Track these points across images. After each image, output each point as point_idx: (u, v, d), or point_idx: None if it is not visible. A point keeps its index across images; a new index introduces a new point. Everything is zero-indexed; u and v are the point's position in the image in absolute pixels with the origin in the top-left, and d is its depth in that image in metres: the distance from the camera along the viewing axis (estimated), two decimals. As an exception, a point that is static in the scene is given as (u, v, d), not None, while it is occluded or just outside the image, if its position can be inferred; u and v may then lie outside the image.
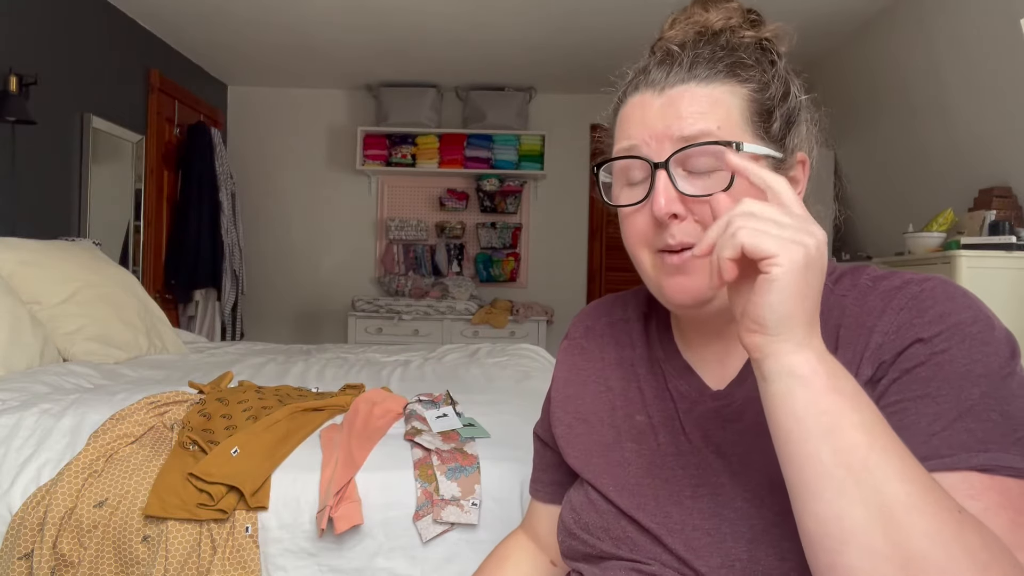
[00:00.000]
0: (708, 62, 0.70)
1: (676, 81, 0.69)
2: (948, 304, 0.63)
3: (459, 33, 3.95)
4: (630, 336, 0.83)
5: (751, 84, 0.70)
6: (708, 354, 0.76)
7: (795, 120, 0.72)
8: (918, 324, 0.62)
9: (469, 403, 1.69)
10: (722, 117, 0.68)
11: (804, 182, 0.74)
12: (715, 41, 0.71)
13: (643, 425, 0.76)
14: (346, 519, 1.28)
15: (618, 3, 3.47)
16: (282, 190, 5.15)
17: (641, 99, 0.71)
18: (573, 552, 0.79)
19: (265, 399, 1.61)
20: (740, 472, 0.68)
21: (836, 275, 0.74)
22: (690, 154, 0.67)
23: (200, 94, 4.64)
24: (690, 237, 0.67)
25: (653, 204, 0.67)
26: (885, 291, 0.67)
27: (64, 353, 2.20)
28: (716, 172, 0.67)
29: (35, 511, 1.31)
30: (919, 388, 0.60)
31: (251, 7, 3.65)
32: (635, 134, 0.70)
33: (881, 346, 0.64)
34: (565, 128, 5.04)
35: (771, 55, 0.73)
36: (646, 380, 0.79)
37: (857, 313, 0.68)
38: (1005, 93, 2.68)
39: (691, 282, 0.68)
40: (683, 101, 0.68)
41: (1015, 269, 2.33)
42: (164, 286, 4.17)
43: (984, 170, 2.78)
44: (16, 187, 2.93)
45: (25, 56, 2.95)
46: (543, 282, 5.13)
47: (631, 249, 0.73)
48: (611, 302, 0.89)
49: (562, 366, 0.88)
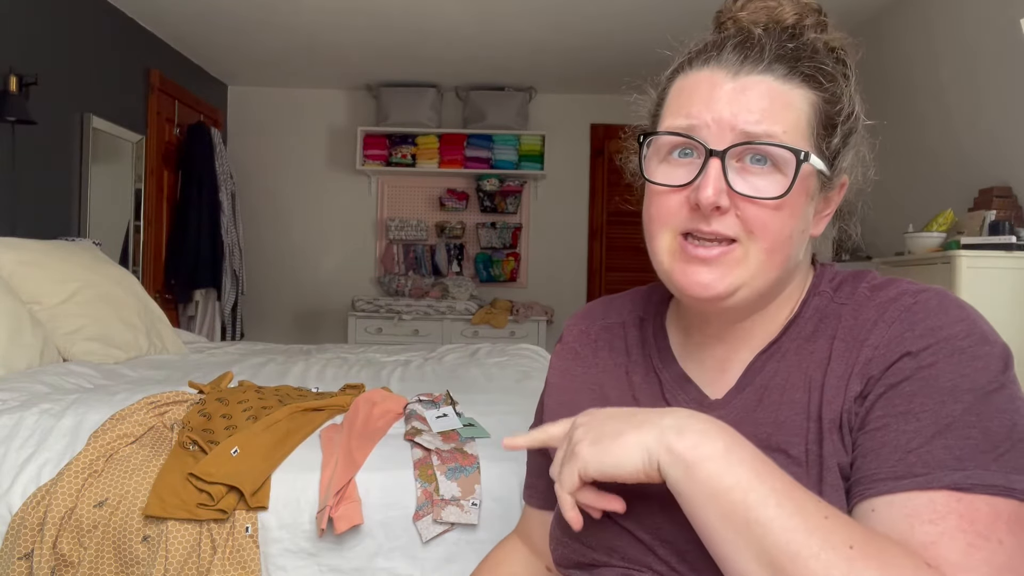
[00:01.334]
0: (791, 60, 0.66)
1: (753, 70, 0.66)
2: (940, 317, 0.62)
3: (459, 33, 3.95)
4: (625, 341, 0.81)
5: (825, 94, 0.67)
6: (707, 359, 0.74)
7: (851, 142, 0.70)
8: (908, 337, 0.62)
9: (469, 403, 1.69)
10: (790, 122, 0.65)
11: (836, 205, 0.72)
12: (798, 39, 0.68)
13: None
14: (346, 519, 1.28)
15: (618, 3, 3.47)
16: (282, 190, 5.15)
17: (711, 76, 0.67)
18: (565, 559, 0.77)
19: (265, 399, 1.61)
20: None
21: (837, 281, 0.73)
22: (750, 150, 0.65)
23: (200, 94, 4.64)
24: (728, 230, 0.65)
25: (700, 191, 0.64)
26: (881, 303, 0.66)
27: (64, 353, 2.20)
28: (771, 174, 0.65)
29: (35, 511, 1.31)
30: (902, 404, 0.60)
31: (251, 7, 3.65)
32: (697, 113, 0.66)
33: (870, 360, 0.63)
34: (565, 128, 5.04)
35: (846, 68, 0.70)
36: (641, 389, 0.77)
37: (851, 325, 0.67)
38: (1005, 93, 2.68)
39: (714, 277, 0.66)
40: (756, 93, 0.65)
41: (1015, 269, 2.33)
42: (164, 286, 4.17)
43: (984, 170, 2.78)
44: (16, 187, 2.93)
45: (25, 56, 2.95)
46: (543, 282, 5.13)
47: (650, 228, 0.70)
48: (605, 305, 0.87)
49: (555, 371, 0.86)
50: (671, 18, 3.52)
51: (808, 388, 0.66)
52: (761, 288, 0.67)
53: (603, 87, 4.87)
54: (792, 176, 0.64)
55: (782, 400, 0.67)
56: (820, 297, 0.71)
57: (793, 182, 0.64)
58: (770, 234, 0.65)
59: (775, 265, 0.66)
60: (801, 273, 0.73)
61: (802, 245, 0.69)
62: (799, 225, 0.67)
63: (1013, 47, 2.59)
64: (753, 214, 0.65)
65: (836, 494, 0.62)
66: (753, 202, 0.65)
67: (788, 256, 0.67)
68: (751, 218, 0.65)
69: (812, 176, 0.67)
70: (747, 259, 0.66)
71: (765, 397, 0.69)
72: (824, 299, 0.71)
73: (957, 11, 2.97)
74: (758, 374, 0.70)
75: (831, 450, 0.63)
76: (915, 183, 3.24)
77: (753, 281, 0.66)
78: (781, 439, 0.65)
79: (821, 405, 0.65)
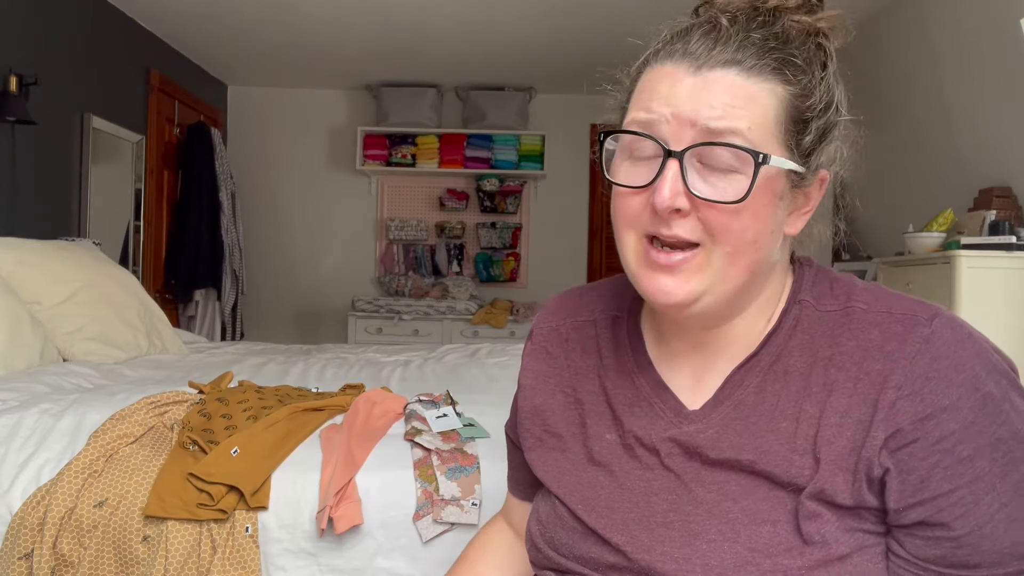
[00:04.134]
0: (757, 51, 0.63)
1: (717, 62, 0.62)
2: (960, 353, 0.60)
3: (459, 33, 3.95)
4: (598, 343, 0.78)
5: (794, 88, 0.63)
6: (684, 366, 0.71)
7: (829, 136, 0.66)
8: (935, 381, 0.59)
9: (469, 403, 1.68)
10: (756, 117, 0.61)
11: (816, 201, 0.68)
12: (769, 26, 0.64)
13: (614, 444, 0.72)
14: (346, 519, 1.28)
15: (618, 3, 3.47)
16: (282, 190, 5.15)
17: (673, 70, 0.64)
18: (539, 563, 0.76)
19: (265, 399, 1.61)
20: (716, 501, 0.65)
21: (810, 281, 0.69)
22: (711, 150, 0.61)
23: (200, 94, 4.64)
24: (689, 234, 0.62)
25: (656, 193, 0.62)
26: (884, 323, 0.63)
27: (64, 353, 2.20)
28: (733, 173, 0.61)
29: (35, 511, 1.31)
30: (967, 472, 0.59)
31: (251, 7, 3.65)
32: (656, 108, 0.63)
33: (895, 404, 0.60)
34: (565, 128, 5.04)
35: (823, 56, 0.66)
36: (615, 395, 0.73)
37: (853, 350, 0.63)
38: (1005, 93, 2.68)
39: (676, 284, 0.63)
40: (718, 88, 0.61)
41: (1015, 269, 2.33)
42: (164, 286, 4.17)
43: (984, 170, 2.78)
44: (16, 187, 2.93)
45: (25, 56, 2.95)
46: (543, 282, 5.13)
47: (617, 229, 0.67)
48: (577, 299, 0.84)
49: (527, 372, 0.83)
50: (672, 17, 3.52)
51: (798, 419, 0.63)
52: (726, 294, 0.64)
53: (603, 87, 4.86)
54: (751, 179, 0.60)
55: (768, 428, 0.64)
56: (802, 306, 0.68)
57: (751, 186, 0.60)
58: (732, 237, 0.62)
59: (740, 270, 0.63)
60: (779, 275, 0.69)
61: (772, 247, 0.65)
62: (766, 227, 0.63)
63: (1013, 47, 2.59)
64: (713, 217, 0.62)
65: (815, 522, 0.61)
66: (713, 206, 0.61)
67: (755, 260, 0.64)
68: (711, 222, 0.62)
69: (779, 176, 0.63)
70: (709, 264, 0.63)
71: (750, 420, 0.66)
72: (807, 308, 0.68)
73: (956, 11, 2.96)
74: (737, 388, 0.67)
75: (820, 487, 0.61)
76: (915, 183, 3.24)
77: (716, 287, 0.63)
78: (764, 467, 0.64)
79: (816, 439, 0.62)
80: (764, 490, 0.63)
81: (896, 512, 0.60)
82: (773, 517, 0.62)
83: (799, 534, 0.61)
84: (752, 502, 0.63)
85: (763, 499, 0.63)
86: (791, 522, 0.62)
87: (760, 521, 0.63)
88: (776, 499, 0.63)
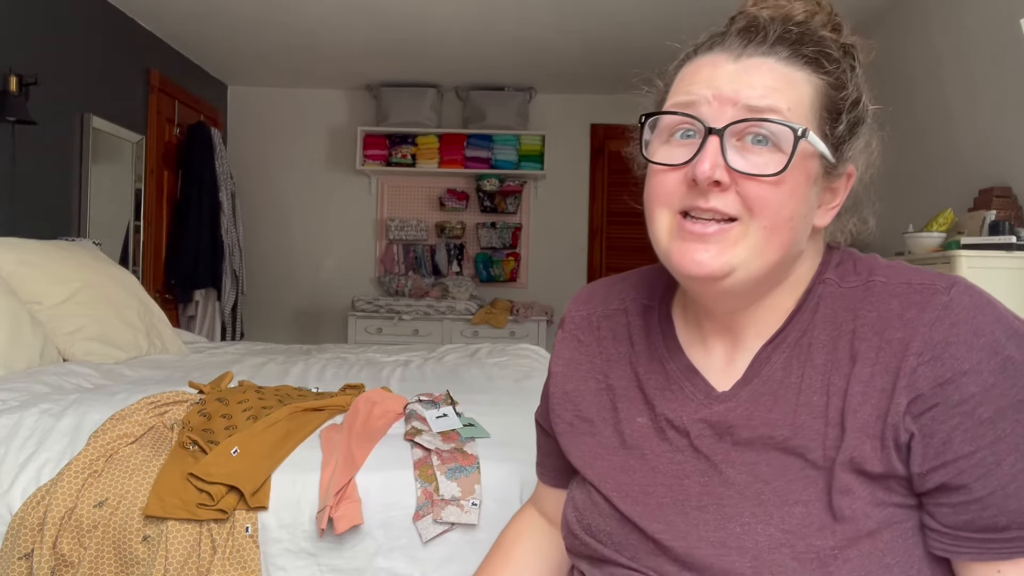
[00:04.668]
0: (794, 44, 0.66)
1: (755, 52, 0.66)
2: (979, 318, 0.61)
3: (459, 33, 3.95)
4: (628, 329, 0.79)
5: (829, 78, 0.67)
6: (714, 349, 0.73)
7: (858, 131, 0.69)
8: (955, 347, 0.60)
9: (469, 403, 1.68)
10: (794, 100, 0.65)
11: (843, 196, 0.71)
12: (803, 27, 0.68)
13: (646, 428, 0.73)
14: (346, 519, 1.28)
15: (619, 3, 3.47)
16: (282, 190, 5.15)
17: (713, 59, 0.67)
18: (575, 550, 0.77)
19: (265, 399, 1.61)
20: (748, 483, 0.66)
21: (835, 262, 0.71)
22: (749, 127, 0.64)
23: (200, 94, 4.64)
24: (727, 207, 0.64)
25: (697, 165, 0.63)
26: (904, 293, 0.65)
27: (64, 353, 2.20)
28: (771, 151, 0.64)
29: (35, 511, 1.31)
30: (988, 432, 0.59)
31: (251, 7, 3.65)
32: (697, 91, 0.66)
33: (915, 371, 0.61)
34: (565, 128, 5.04)
35: (852, 60, 0.70)
36: (647, 380, 0.75)
37: (874, 320, 0.65)
38: (1005, 93, 2.68)
39: (709, 255, 0.65)
40: (759, 71, 0.65)
41: (1015, 269, 2.33)
42: (164, 286, 4.17)
43: (984, 170, 2.78)
44: (16, 187, 2.93)
45: (25, 56, 2.95)
46: (543, 282, 5.13)
47: (650, 208, 0.69)
48: (607, 288, 0.85)
49: (558, 360, 0.84)
50: (672, 18, 3.52)
51: (827, 392, 0.65)
52: (759, 271, 0.66)
53: (603, 87, 4.86)
54: (790, 153, 0.63)
55: (799, 402, 0.66)
56: (825, 285, 0.70)
57: (791, 158, 0.63)
58: (769, 211, 0.64)
59: (775, 247, 0.65)
60: (807, 262, 0.71)
61: (804, 231, 0.67)
62: (800, 208, 0.65)
63: (1013, 47, 2.59)
64: (752, 191, 0.64)
65: (846, 498, 0.62)
66: (752, 179, 0.63)
67: (788, 240, 0.65)
68: (750, 195, 0.64)
69: (813, 158, 0.66)
70: (746, 238, 0.64)
71: (779, 394, 0.67)
72: (830, 287, 0.69)
73: (957, 11, 2.96)
74: (764, 365, 0.69)
75: (849, 455, 0.62)
76: (915, 183, 3.24)
77: (751, 262, 0.65)
78: (798, 443, 0.64)
79: (844, 410, 0.63)
80: (795, 470, 0.64)
81: (920, 476, 0.61)
82: (805, 497, 0.63)
83: (830, 511, 0.62)
84: (783, 483, 0.64)
85: (794, 479, 0.64)
86: (822, 500, 0.63)
87: (792, 502, 0.64)
88: (807, 478, 0.64)
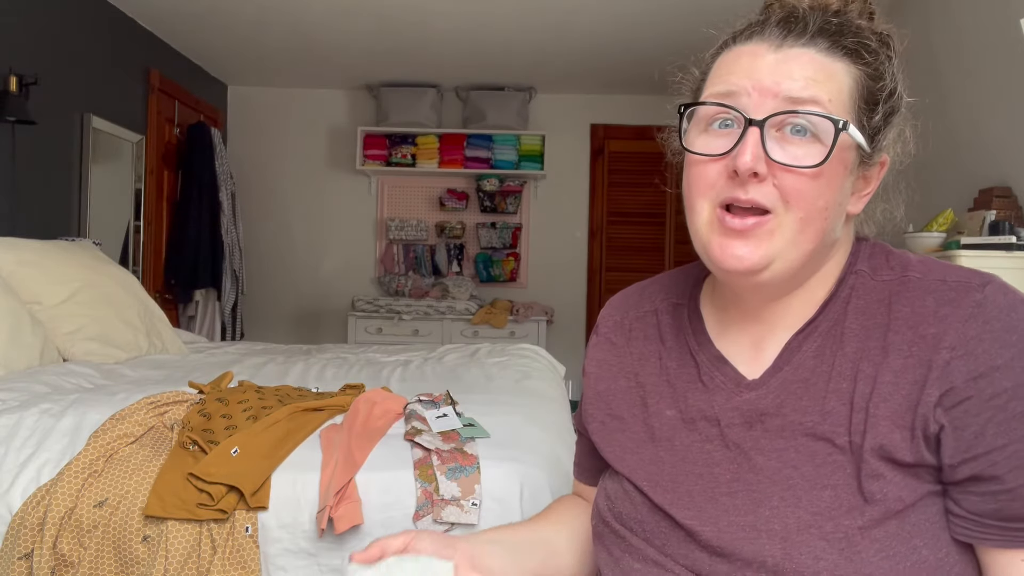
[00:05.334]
0: (834, 35, 0.67)
1: (796, 42, 0.66)
2: (1012, 316, 0.62)
3: (459, 33, 3.95)
4: (659, 329, 0.81)
5: (868, 69, 0.67)
6: (744, 338, 0.74)
7: (892, 121, 0.70)
8: (988, 343, 0.61)
9: (469, 403, 1.69)
10: (834, 91, 0.65)
11: (875, 185, 0.72)
12: (841, 17, 0.68)
13: (675, 420, 0.75)
14: (346, 519, 1.28)
15: (618, 3, 3.47)
16: (282, 190, 5.15)
17: (753, 48, 0.68)
18: (602, 537, 0.78)
19: (265, 399, 1.61)
20: (777, 468, 0.67)
21: (866, 254, 0.72)
22: (789, 119, 0.64)
23: (200, 94, 4.64)
24: (764, 199, 0.65)
25: (738, 156, 0.64)
26: (938, 290, 0.65)
27: (64, 353, 2.20)
28: (810, 142, 0.64)
29: (35, 511, 1.31)
30: (1019, 426, 0.60)
31: (251, 7, 3.65)
32: (737, 82, 0.66)
33: (948, 364, 0.62)
34: (565, 128, 5.04)
35: (889, 50, 0.70)
36: (677, 373, 0.76)
37: (908, 315, 0.65)
38: (1005, 93, 2.68)
39: (748, 250, 0.65)
40: (799, 62, 0.65)
41: (1015, 269, 2.33)
42: (164, 286, 4.17)
43: (984, 170, 2.78)
44: (16, 187, 2.93)
45: (25, 56, 2.95)
46: (543, 282, 5.13)
47: (690, 199, 0.69)
48: (638, 293, 0.87)
49: (592, 362, 0.86)
50: (672, 17, 3.53)
51: (855, 378, 0.65)
52: (795, 261, 0.66)
53: (603, 87, 4.86)
54: (830, 145, 0.63)
55: (828, 389, 0.67)
56: (858, 276, 0.70)
57: (831, 151, 0.63)
58: (805, 203, 0.64)
59: (809, 237, 0.66)
60: (840, 252, 0.72)
61: (839, 220, 0.68)
62: (836, 198, 0.66)
63: (1013, 47, 2.59)
64: (790, 183, 0.64)
65: (878, 482, 0.62)
66: (790, 171, 0.64)
67: (823, 229, 0.66)
68: (787, 187, 0.64)
69: (851, 149, 0.66)
70: (781, 230, 0.65)
71: (810, 382, 0.68)
72: (863, 278, 0.70)
73: (957, 11, 2.97)
74: (795, 353, 0.69)
75: (880, 443, 0.63)
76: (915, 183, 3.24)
77: (787, 253, 0.66)
78: (827, 428, 0.65)
79: (871, 397, 0.64)
80: (824, 455, 0.65)
81: (951, 468, 0.62)
82: (833, 481, 0.64)
83: (861, 494, 0.63)
84: (812, 467, 0.65)
85: (823, 464, 0.65)
86: (852, 484, 0.63)
87: (821, 486, 0.64)
88: (836, 463, 0.64)
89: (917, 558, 0.62)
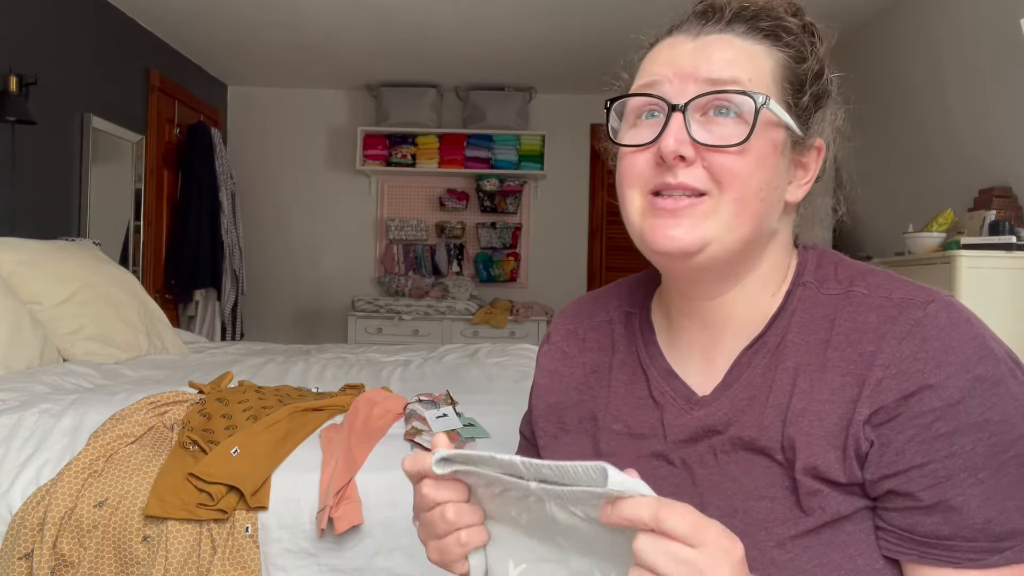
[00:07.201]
0: (751, 19, 0.68)
1: (713, 30, 0.67)
2: (952, 335, 0.61)
3: (459, 33, 3.95)
4: (612, 339, 0.80)
5: (789, 51, 0.68)
6: (694, 349, 0.73)
7: (823, 103, 0.69)
8: (923, 362, 0.60)
9: (469, 403, 1.69)
10: (755, 72, 0.65)
11: (815, 171, 0.71)
12: (759, 5, 0.69)
13: (622, 435, 0.74)
14: (346, 519, 1.28)
15: (618, 3, 3.47)
16: (282, 190, 5.15)
17: (672, 41, 0.69)
18: None
19: (265, 399, 1.61)
20: (717, 481, 0.67)
21: (814, 264, 0.71)
22: (712, 101, 0.64)
23: (200, 94, 4.64)
24: (696, 182, 0.64)
25: (661, 142, 0.64)
26: (881, 306, 0.64)
27: (64, 353, 2.20)
28: (734, 122, 0.64)
29: (35, 511, 1.31)
30: (942, 447, 0.59)
31: (251, 7, 3.65)
32: (659, 71, 0.67)
33: (880, 383, 0.61)
34: (565, 128, 5.04)
35: (812, 36, 0.70)
36: (627, 386, 0.76)
37: (849, 331, 0.65)
38: (1005, 93, 2.68)
39: (682, 231, 0.64)
40: (718, 47, 0.66)
41: (1015, 269, 2.33)
42: (164, 286, 4.17)
43: (984, 170, 2.78)
44: (16, 187, 2.93)
45: (25, 56, 2.95)
46: (543, 282, 5.13)
47: (622, 191, 0.69)
48: (592, 302, 0.85)
49: (543, 372, 0.84)
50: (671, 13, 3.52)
51: (791, 393, 0.65)
52: (731, 245, 0.65)
53: (603, 87, 4.86)
54: (752, 122, 0.63)
55: (767, 403, 0.66)
56: (805, 288, 0.70)
57: (753, 126, 0.63)
58: (739, 183, 0.64)
59: (746, 219, 0.65)
60: (781, 251, 0.71)
61: (776, 206, 0.67)
62: (770, 179, 0.65)
63: (1013, 47, 2.59)
64: (719, 163, 0.64)
65: (814, 498, 0.62)
66: (717, 151, 0.63)
67: (759, 212, 0.65)
68: (717, 168, 0.64)
69: (779, 128, 0.66)
70: (717, 212, 0.64)
71: (756, 399, 0.67)
72: (809, 290, 0.69)
73: (957, 11, 2.97)
74: (745, 370, 0.69)
75: (814, 463, 0.62)
76: (915, 183, 3.24)
77: (724, 236, 0.65)
78: (764, 443, 0.65)
79: (804, 414, 0.64)
80: (763, 467, 0.65)
81: (871, 483, 0.62)
82: (771, 493, 0.64)
83: (799, 507, 0.63)
84: (750, 479, 0.65)
85: (761, 476, 0.65)
86: (789, 497, 0.63)
87: (758, 497, 0.64)
88: (774, 475, 0.64)
89: (852, 567, 0.62)
